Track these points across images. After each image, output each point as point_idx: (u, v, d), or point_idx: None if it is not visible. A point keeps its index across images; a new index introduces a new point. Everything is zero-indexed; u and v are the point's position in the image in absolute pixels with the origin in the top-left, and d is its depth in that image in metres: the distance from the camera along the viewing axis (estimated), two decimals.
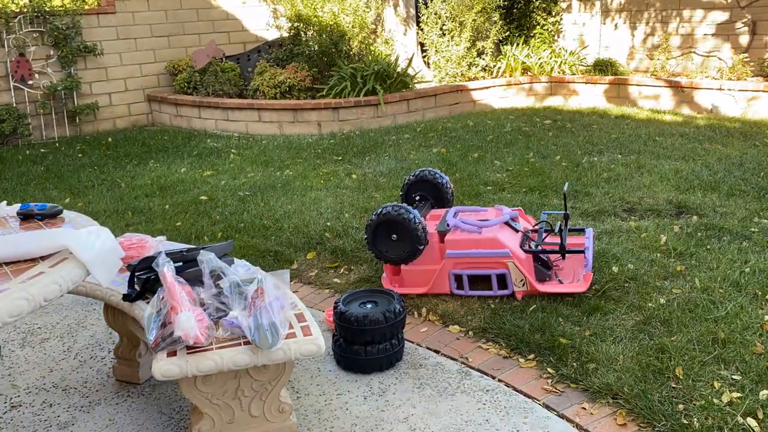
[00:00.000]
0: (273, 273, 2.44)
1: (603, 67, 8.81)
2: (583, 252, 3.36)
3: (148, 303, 2.38)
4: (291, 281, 3.74)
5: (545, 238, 3.51)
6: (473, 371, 2.79)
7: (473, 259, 3.33)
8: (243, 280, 2.25)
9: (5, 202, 2.46)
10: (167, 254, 2.52)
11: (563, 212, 3.60)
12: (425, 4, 8.82)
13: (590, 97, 8.62)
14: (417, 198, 3.95)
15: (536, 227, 3.63)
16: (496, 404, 2.56)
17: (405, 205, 3.41)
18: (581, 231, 3.74)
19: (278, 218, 4.69)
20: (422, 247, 3.36)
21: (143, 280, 2.42)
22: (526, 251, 3.35)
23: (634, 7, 8.93)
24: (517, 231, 3.49)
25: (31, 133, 7.91)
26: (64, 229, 2.04)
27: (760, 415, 2.34)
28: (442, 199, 3.92)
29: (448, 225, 3.48)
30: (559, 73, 8.98)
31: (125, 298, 2.40)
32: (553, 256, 3.56)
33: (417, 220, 3.32)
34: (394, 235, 3.37)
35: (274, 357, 2.08)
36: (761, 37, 7.90)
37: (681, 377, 2.57)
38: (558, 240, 3.47)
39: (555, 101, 8.88)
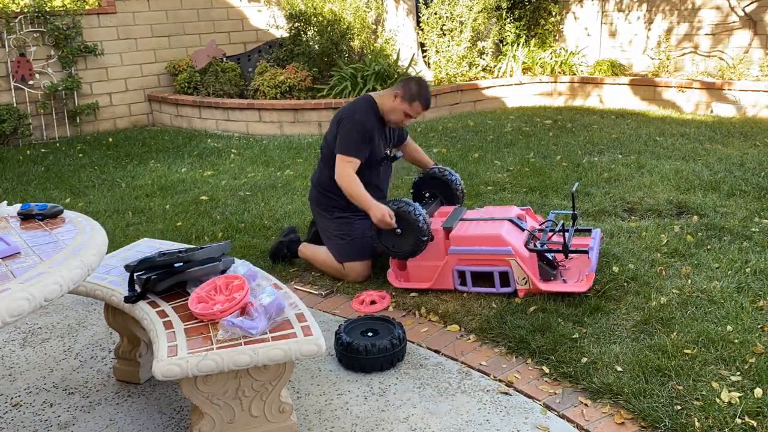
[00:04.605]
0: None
1: (605, 67, 8.82)
2: (586, 252, 3.36)
3: (148, 303, 2.39)
4: (291, 281, 3.75)
5: (551, 237, 3.51)
6: (474, 371, 2.79)
7: (476, 255, 3.34)
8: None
9: (6, 202, 2.46)
10: (164, 254, 2.53)
11: (572, 212, 3.61)
12: (425, 4, 8.82)
13: (595, 97, 8.61)
14: (426, 195, 3.96)
15: (542, 226, 3.64)
16: (497, 404, 2.56)
17: (408, 200, 3.42)
18: (588, 231, 3.74)
19: (279, 218, 4.69)
20: (425, 239, 3.38)
21: (143, 280, 2.42)
22: (530, 250, 3.36)
23: (642, 7, 8.92)
24: (522, 230, 3.50)
25: (32, 133, 7.91)
26: None
27: (761, 415, 2.34)
28: (452, 197, 3.92)
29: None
30: (560, 73, 8.98)
31: (127, 300, 2.40)
32: (559, 256, 3.57)
33: (419, 214, 3.34)
34: (398, 230, 3.39)
35: (274, 357, 2.09)
36: (761, 37, 7.90)
37: (681, 377, 2.57)
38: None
39: (560, 101, 8.87)
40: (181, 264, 2.46)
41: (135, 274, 2.45)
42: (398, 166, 4.53)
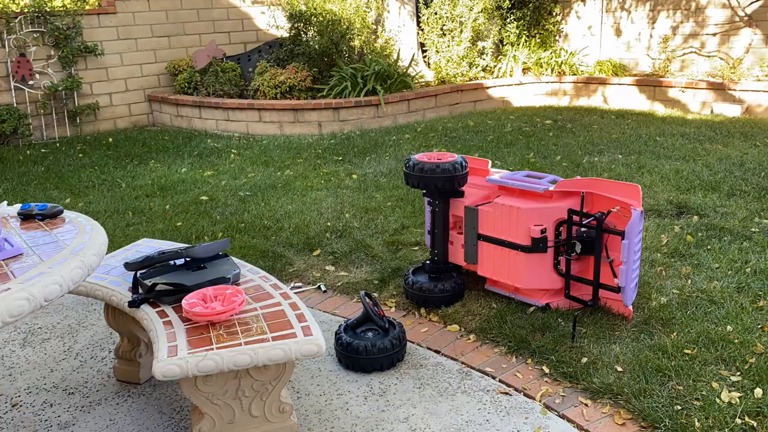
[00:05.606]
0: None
1: (605, 67, 8.81)
2: None
3: (149, 303, 2.38)
4: (291, 281, 3.75)
5: None
6: (474, 371, 2.79)
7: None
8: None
9: (6, 202, 2.46)
10: (163, 254, 2.53)
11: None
12: (425, 4, 8.82)
13: (599, 97, 8.61)
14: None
15: None
16: (497, 404, 2.56)
17: None
18: None
19: (279, 218, 4.69)
20: None
21: (148, 287, 2.42)
22: None
23: (645, 6, 8.91)
24: None
25: (32, 133, 7.91)
26: None
27: (761, 415, 2.34)
28: None
29: None
30: (560, 72, 8.98)
31: (131, 304, 2.39)
32: None
33: None
34: None
35: (274, 357, 2.09)
36: (763, 37, 7.89)
37: (681, 377, 2.57)
38: None
39: (562, 102, 8.87)
40: (182, 261, 2.45)
41: (138, 276, 2.45)
42: None
